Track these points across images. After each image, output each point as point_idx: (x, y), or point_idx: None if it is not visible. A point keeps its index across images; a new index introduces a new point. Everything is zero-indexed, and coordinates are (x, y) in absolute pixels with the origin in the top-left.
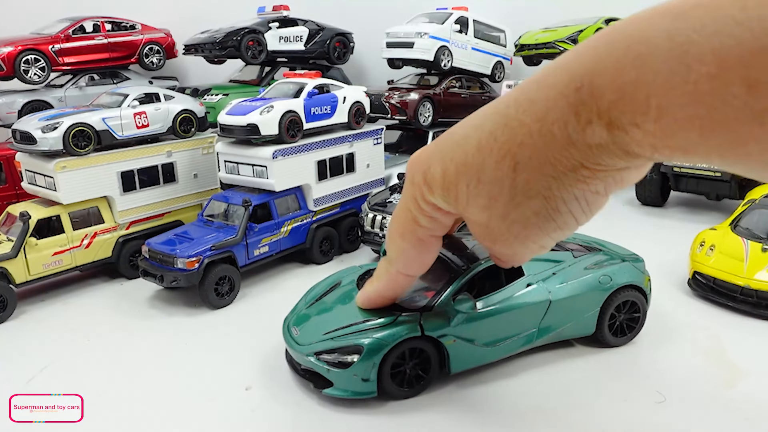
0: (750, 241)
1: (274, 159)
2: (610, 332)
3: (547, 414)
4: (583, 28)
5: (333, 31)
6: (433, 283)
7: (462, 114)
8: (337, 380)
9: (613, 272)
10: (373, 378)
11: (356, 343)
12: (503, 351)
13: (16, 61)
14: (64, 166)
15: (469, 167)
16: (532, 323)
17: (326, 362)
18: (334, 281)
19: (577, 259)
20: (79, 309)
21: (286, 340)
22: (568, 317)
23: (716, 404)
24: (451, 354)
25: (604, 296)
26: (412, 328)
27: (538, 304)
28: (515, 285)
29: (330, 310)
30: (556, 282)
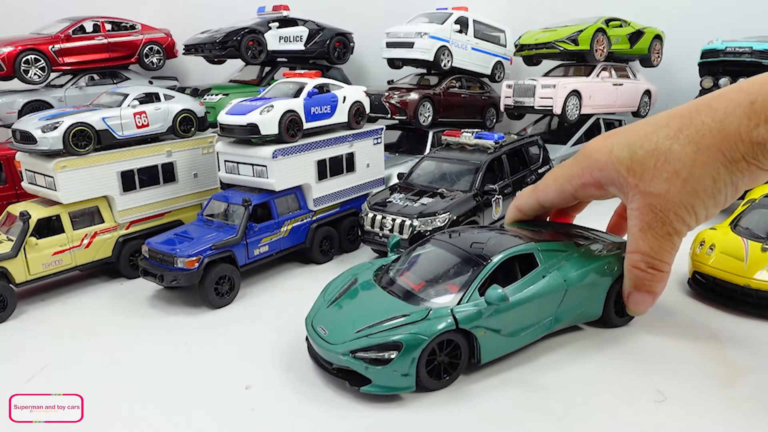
0: (750, 241)
1: (274, 159)
2: (616, 314)
3: (547, 414)
4: (583, 28)
5: (333, 31)
6: (456, 277)
7: (462, 114)
8: (376, 377)
9: (615, 258)
10: (412, 372)
11: (394, 340)
12: (526, 339)
13: (16, 61)
14: (64, 166)
15: (658, 150)
16: (551, 311)
17: (364, 360)
18: (350, 278)
19: (580, 247)
20: (79, 309)
21: (314, 339)
22: (581, 303)
23: (716, 404)
24: (482, 345)
25: (609, 281)
26: (447, 321)
27: (556, 292)
28: (533, 275)
29: (355, 308)
30: (568, 270)
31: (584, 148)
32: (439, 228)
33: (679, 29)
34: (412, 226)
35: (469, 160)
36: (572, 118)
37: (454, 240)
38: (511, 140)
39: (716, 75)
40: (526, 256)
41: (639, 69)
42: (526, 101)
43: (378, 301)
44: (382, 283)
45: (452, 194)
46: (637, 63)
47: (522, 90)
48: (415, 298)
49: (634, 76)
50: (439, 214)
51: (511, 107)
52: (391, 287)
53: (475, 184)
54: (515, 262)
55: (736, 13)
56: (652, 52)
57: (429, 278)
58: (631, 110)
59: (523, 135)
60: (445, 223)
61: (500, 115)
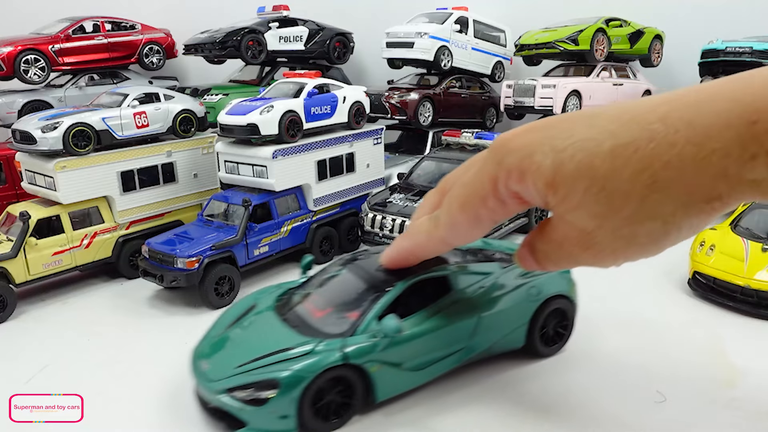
0: (750, 241)
1: (274, 159)
2: (541, 342)
3: (547, 414)
4: (583, 28)
5: (333, 31)
6: (356, 304)
7: (462, 114)
8: (252, 419)
9: (541, 283)
10: (292, 414)
11: (272, 378)
12: (431, 373)
13: (16, 61)
14: (63, 166)
15: (595, 171)
16: (462, 341)
17: (239, 399)
18: (249, 304)
19: (504, 269)
20: (79, 309)
21: (195, 375)
22: (498, 332)
23: (716, 404)
24: (377, 381)
25: (533, 308)
26: (333, 356)
27: (467, 321)
28: (443, 302)
29: (244, 339)
30: (485, 297)
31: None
32: None
33: (679, 29)
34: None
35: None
36: None
37: (365, 262)
38: None
39: (716, 75)
40: (438, 280)
41: (639, 69)
42: (526, 101)
43: (270, 331)
44: (282, 311)
45: None
46: (637, 63)
47: (522, 90)
48: (310, 329)
49: (634, 76)
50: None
51: (511, 107)
52: (288, 315)
53: None
54: (429, 287)
55: (736, 13)
56: (652, 52)
57: (331, 306)
58: None
59: None
60: None
61: (500, 115)
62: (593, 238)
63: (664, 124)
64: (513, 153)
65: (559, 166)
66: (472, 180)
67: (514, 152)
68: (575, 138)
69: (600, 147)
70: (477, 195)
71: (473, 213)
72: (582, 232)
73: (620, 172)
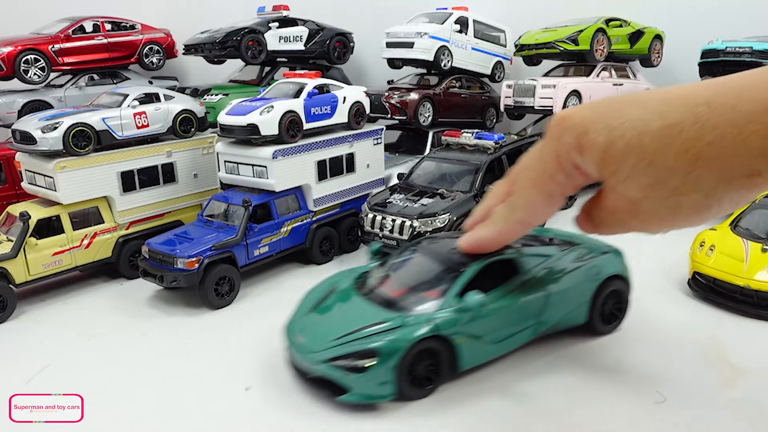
0: (750, 242)
1: (274, 159)
2: (602, 320)
3: (547, 414)
4: (583, 28)
5: (333, 31)
6: (435, 283)
7: (462, 114)
8: (354, 385)
9: (600, 264)
10: (390, 380)
11: (372, 347)
12: (507, 346)
13: (16, 61)
14: (63, 166)
15: (644, 149)
16: (533, 317)
17: (340, 368)
18: (330, 286)
19: (563, 252)
20: (79, 309)
21: (292, 347)
22: (564, 309)
23: (716, 404)
24: (462, 352)
25: (594, 287)
26: (425, 328)
27: (538, 297)
28: (515, 281)
29: (334, 315)
30: (551, 275)
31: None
32: (439, 229)
33: (679, 29)
34: (412, 226)
35: (469, 160)
36: None
37: (435, 246)
38: (511, 140)
39: (716, 75)
40: (507, 262)
41: (639, 69)
42: (526, 101)
43: (357, 308)
44: (362, 291)
45: (452, 195)
46: (637, 63)
47: (522, 90)
48: (395, 306)
49: (634, 76)
50: (439, 215)
51: (511, 107)
52: (370, 295)
53: (475, 184)
54: (498, 268)
55: (736, 13)
56: (652, 52)
57: (409, 285)
58: None
59: (523, 135)
60: (445, 224)
61: (500, 115)
62: (641, 207)
63: (708, 107)
64: (570, 130)
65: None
66: (537, 160)
67: (571, 129)
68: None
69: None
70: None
71: (545, 190)
72: (631, 201)
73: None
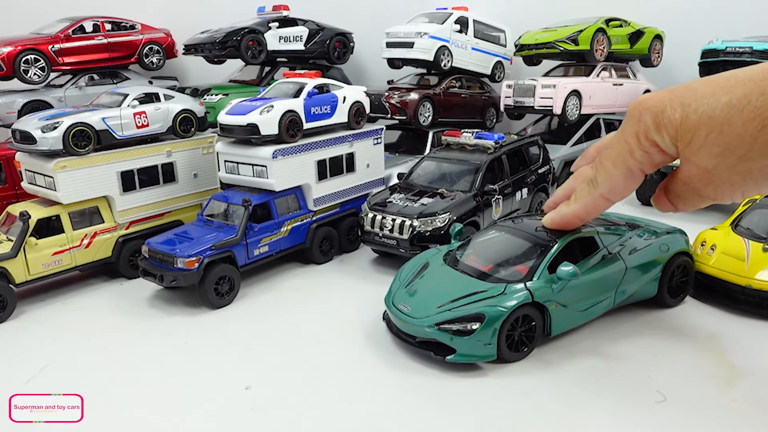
0: (751, 241)
1: (274, 159)
2: (670, 293)
3: (547, 414)
4: (583, 28)
5: (333, 31)
6: (524, 258)
7: (462, 114)
8: (461, 347)
9: (669, 241)
10: (494, 342)
11: (477, 312)
12: (590, 314)
13: (16, 61)
14: (63, 166)
15: (714, 120)
16: (612, 288)
17: (448, 331)
18: (422, 262)
19: (633, 231)
20: (79, 309)
21: (397, 316)
22: (638, 282)
23: (716, 404)
24: (553, 318)
25: (663, 262)
26: (524, 296)
27: (617, 271)
28: (596, 255)
29: (434, 287)
30: (626, 251)
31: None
32: (438, 228)
33: (679, 29)
34: (412, 226)
35: (469, 160)
36: (572, 118)
37: (518, 225)
38: (511, 140)
39: None
40: (588, 239)
41: (639, 69)
42: (526, 101)
43: (454, 280)
44: (455, 266)
45: (452, 194)
46: (637, 63)
47: (522, 90)
48: (489, 277)
49: (634, 76)
50: (439, 215)
51: (511, 107)
52: (464, 268)
53: (475, 184)
54: (576, 245)
55: (736, 13)
56: (652, 52)
57: (498, 260)
58: None
59: (523, 135)
60: (444, 224)
61: (500, 115)
62: (713, 174)
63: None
64: (649, 110)
65: (686, 117)
66: (617, 140)
67: (649, 109)
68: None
69: (719, 100)
70: (625, 150)
71: (625, 166)
72: (704, 170)
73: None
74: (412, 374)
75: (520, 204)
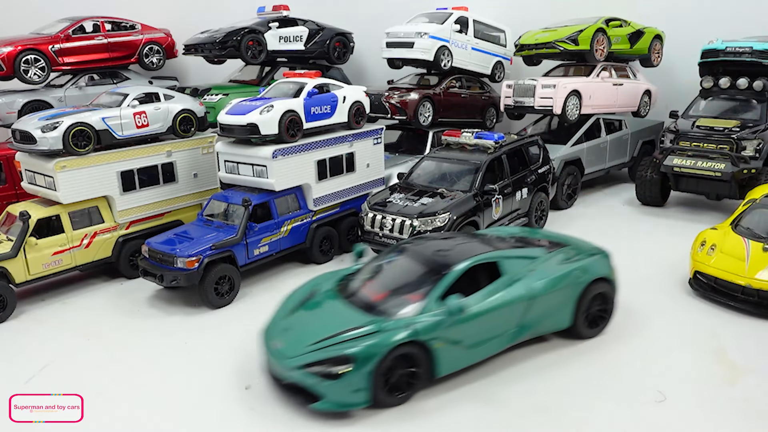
0: (751, 241)
1: (274, 158)
2: (587, 324)
3: (547, 414)
4: (583, 28)
5: (333, 31)
6: (417, 286)
7: (462, 114)
8: (328, 392)
9: (586, 266)
10: (365, 387)
11: (346, 353)
12: (487, 351)
13: (16, 61)
14: (63, 166)
15: None
16: (515, 321)
17: (315, 374)
18: (310, 290)
19: (550, 254)
20: (79, 309)
21: (269, 353)
22: (547, 312)
23: (716, 404)
24: (439, 357)
25: (579, 290)
26: (402, 333)
27: (520, 301)
28: (497, 284)
29: (312, 319)
30: (534, 279)
31: None
32: (439, 228)
33: (679, 29)
34: (412, 226)
35: (469, 160)
36: (572, 118)
37: (419, 248)
38: (511, 140)
39: (716, 75)
40: (491, 264)
41: (639, 69)
42: (526, 101)
43: (336, 312)
44: (344, 294)
45: (452, 194)
46: (637, 63)
47: (522, 90)
48: (375, 309)
49: (634, 76)
50: (439, 214)
51: (511, 107)
52: (351, 298)
53: (475, 184)
54: (482, 271)
55: (736, 13)
56: (652, 52)
57: (391, 288)
58: (632, 110)
59: (523, 135)
60: (445, 223)
61: (500, 115)
62: None
63: None
64: None
65: None
66: None
67: None
68: None
69: None
70: None
71: None
72: None
73: None
74: None
75: (520, 204)
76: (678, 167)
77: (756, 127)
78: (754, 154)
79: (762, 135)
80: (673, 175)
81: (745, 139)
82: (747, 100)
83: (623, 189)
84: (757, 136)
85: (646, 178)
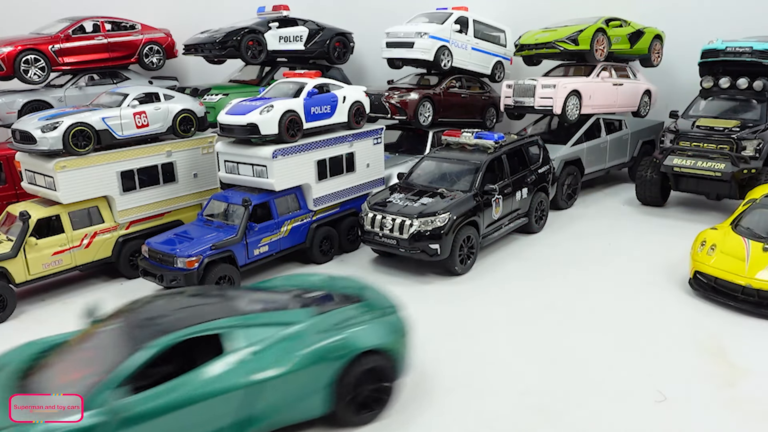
0: (751, 241)
1: (274, 158)
2: (353, 409)
3: (547, 414)
4: (583, 28)
5: (333, 31)
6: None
7: (462, 114)
8: None
9: (351, 337)
10: None
11: None
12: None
13: (16, 61)
14: (63, 166)
15: None
16: (229, 415)
17: None
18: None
19: (316, 317)
20: (79, 309)
21: None
22: (287, 400)
23: (716, 404)
24: None
25: (336, 368)
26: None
27: (236, 389)
28: (206, 367)
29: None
30: (265, 357)
31: None
32: (438, 228)
33: (679, 29)
34: (412, 226)
35: (469, 160)
36: (572, 118)
37: (140, 313)
38: (511, 140)
39: (716, 75)
40: (213, 336)
41: (639, 69)
42: (526, 101)
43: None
44: (30, 372)
45: (452, 194)
46: (637, 63)
47: (522, 90)
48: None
49: (634, 76)
50: (439, 214)
51: (511, 107)
52: (30, 385)
53: (475, 184)
54: (201, 346)
55: (736, 13)
56: (652, 52)
57: (82, 369)
58: (632, 110)
59: (523, 135)
60: (445, 223)
61: (500, 115)
62: None
63: None
64: None
65: None
66: None
67: None
68: None
69: None
70: None
71: None
72: None
73: None
74: None
75: (520, 204)
76: (678, 167)
77: (756, 127)
78: (754, 154)
79: (762, 135)
80: (673, 175)
81: (745, 139)
82: (747, 100)
83: (623, 189)
84: (757, 136)
85: (646, 178)
